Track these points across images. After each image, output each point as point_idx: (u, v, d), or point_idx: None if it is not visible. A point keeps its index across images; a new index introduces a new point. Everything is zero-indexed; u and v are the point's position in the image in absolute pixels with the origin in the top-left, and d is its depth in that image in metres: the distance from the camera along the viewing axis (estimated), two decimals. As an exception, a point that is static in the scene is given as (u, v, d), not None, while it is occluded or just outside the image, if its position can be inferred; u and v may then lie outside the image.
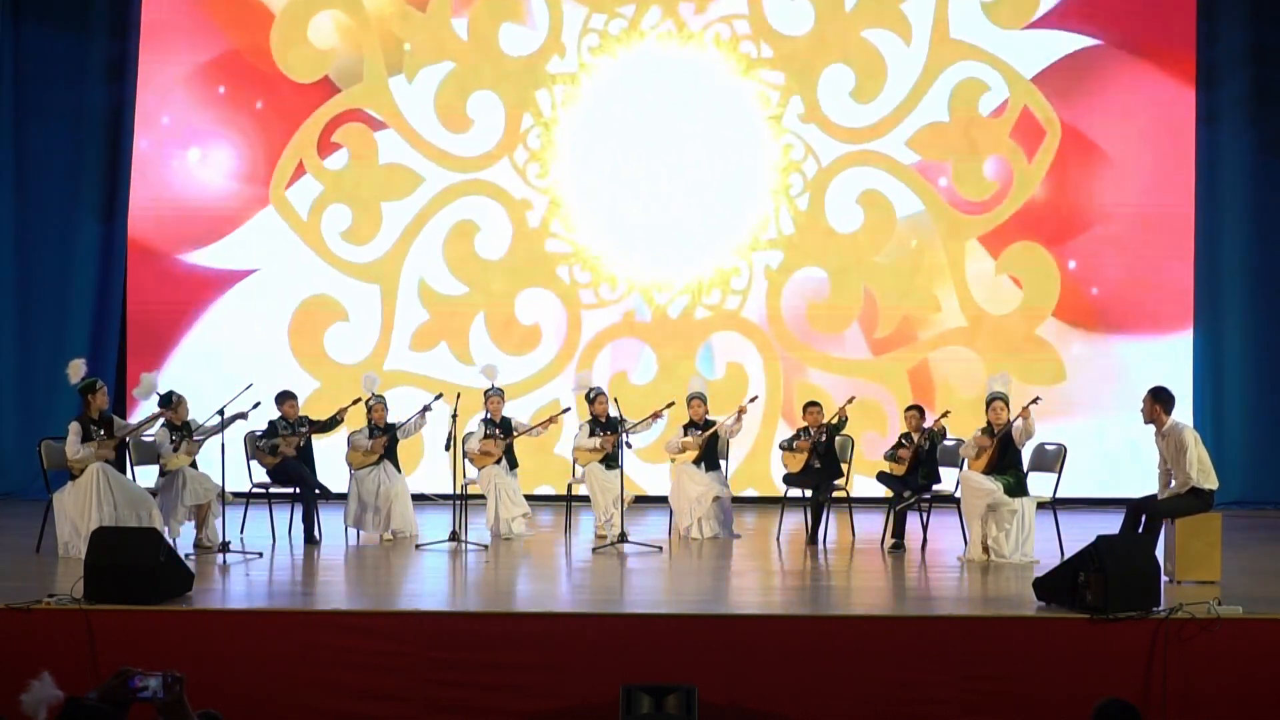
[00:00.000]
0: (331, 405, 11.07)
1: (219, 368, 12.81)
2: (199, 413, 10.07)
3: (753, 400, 11.18)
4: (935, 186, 13.43)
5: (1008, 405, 9.60)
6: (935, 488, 10.26)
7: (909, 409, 10.54)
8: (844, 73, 13.51)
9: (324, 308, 13.60)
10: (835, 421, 10.58)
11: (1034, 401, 9.47)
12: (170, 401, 9.89)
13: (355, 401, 10.61)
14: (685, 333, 13.48)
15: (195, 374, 12.60)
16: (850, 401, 10.79)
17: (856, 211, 13.41)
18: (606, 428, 10.76)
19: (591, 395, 10.92)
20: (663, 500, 10.97)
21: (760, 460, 12.99)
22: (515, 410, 12.13)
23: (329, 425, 10.70)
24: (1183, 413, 11.00)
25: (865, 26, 13.56)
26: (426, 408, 10.59)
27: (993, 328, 13.15)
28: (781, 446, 10.98)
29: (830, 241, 13.43)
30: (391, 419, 10.67)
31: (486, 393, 10.87)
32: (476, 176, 13.63)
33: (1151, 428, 8.98)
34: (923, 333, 13.23)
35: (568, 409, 11.26)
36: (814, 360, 13.23)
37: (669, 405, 10.75)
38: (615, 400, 10.72)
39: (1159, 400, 8.90)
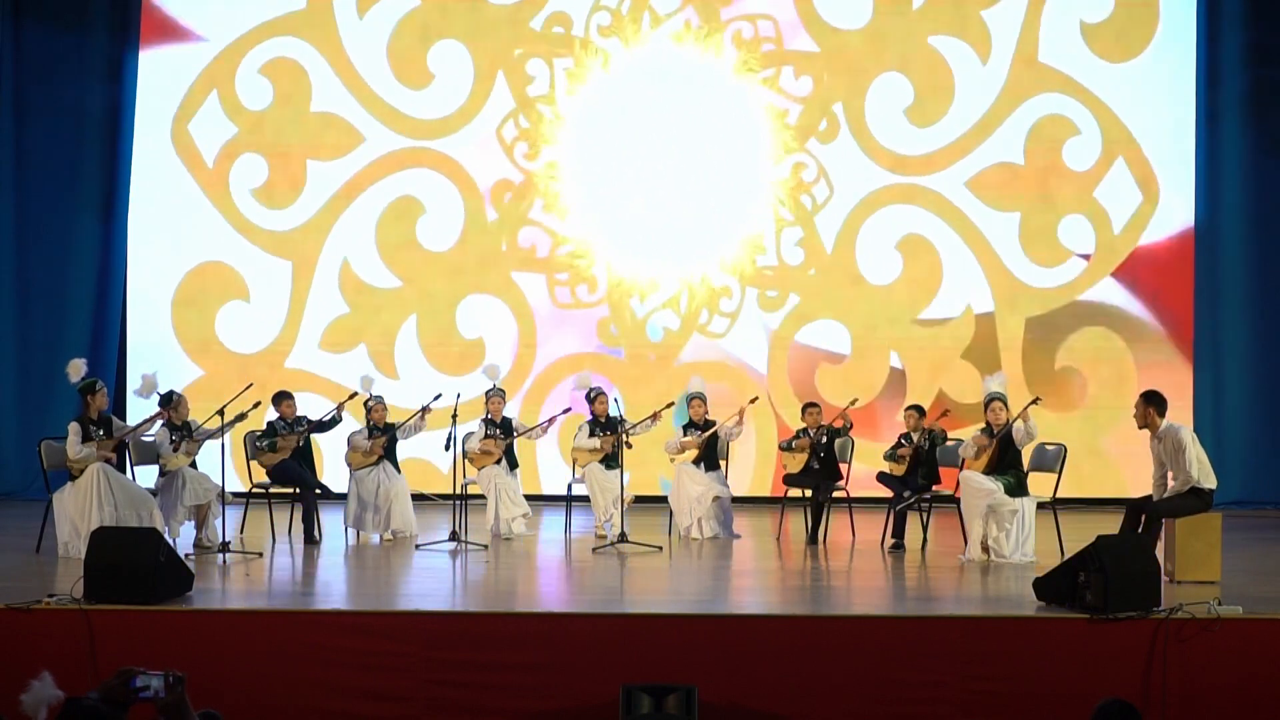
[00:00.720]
0: (216, 400, 10.08)
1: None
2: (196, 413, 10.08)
3: (753, 401, 11.15)
4: (997, 242, 11.73)
5: (1006, 405, 9.59)
6: (935, 488, 10.26)
7: (909, 409, 10.52)
8: (900, 84, 11.90)
9: (220, 280, 12.14)
10: (838, 426, 10.55)
11: (1034, 402, 9.47)
12: (170, 401, 9.88)
13: (352, 396, 10.57)
14: (663, 376, 11.97)
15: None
16: (853, 404, 10.77)
17: (894, 259, 11.88)
18: (606, 428, 10.75)
19: (592, 395, 10.90)
20: (663, 500, 10.96)
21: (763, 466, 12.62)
22: (419, 476, 10.79)
23: (327, 425, 10.68)
24: (1183, 413, 10.98)
25: (934, 31, 11.85)
26: (425, 408, 10.56)
27: (1047, 423, 10.86)
28: (781, 447, 10.97)
29: (858, 291, 11.90)
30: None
31: (488, 393, 10.84)
32: (429, 145, 11.95)
33: (1145, 432, 8.98)
34: (960, 420, 11.29)
35: (568, 409, 11.24)
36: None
37: (668, 406, 10.74)
38: (616, 400, 10.71)
39: (1151, 403, 8.87)
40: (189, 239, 12.22)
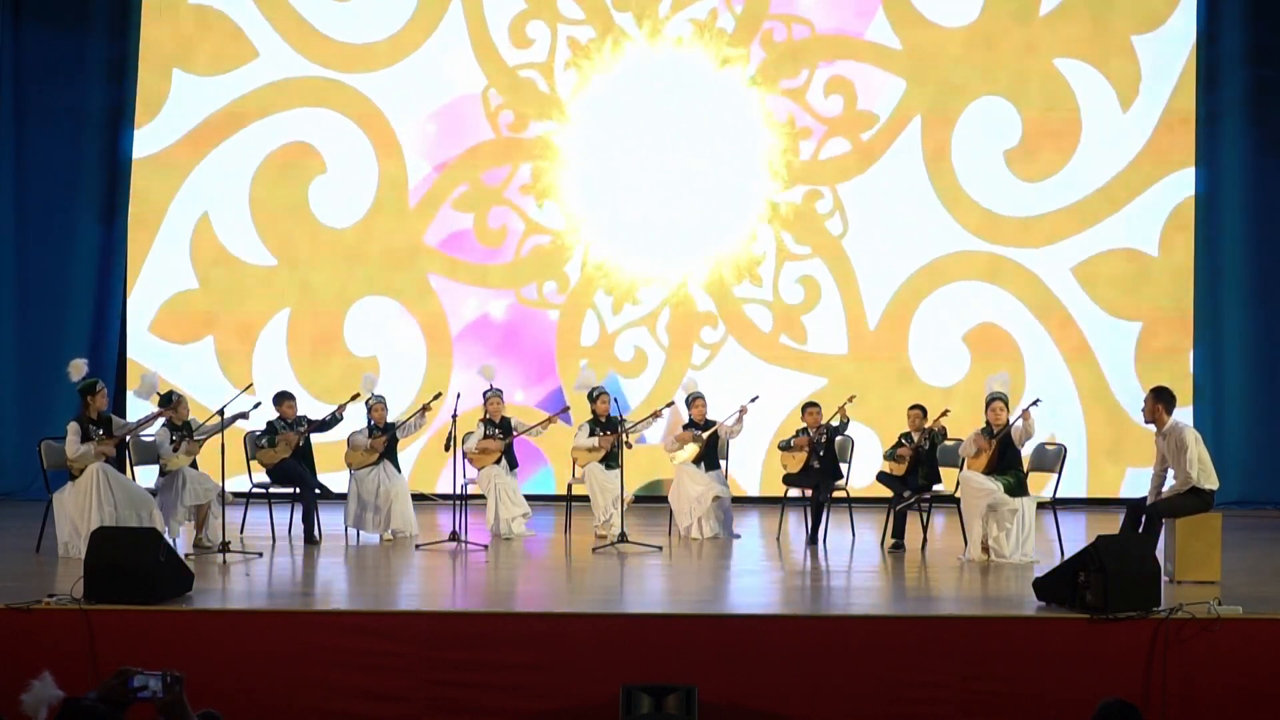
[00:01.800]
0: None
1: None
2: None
3: (754, 400, 11.14)
4: (1106, 358, 8.98)
5: (1007, 406, 9.58)
6: (935, 488, 10.25)
7: (911, 408, 10.51)
8: (1005, 114, 9.07)
9: None
10: (836, 423, 10.55)
11: (1034, 403, 9.46)
12: (170, 401, 9.88)
13: (354, 397, 10.55)
14: (632, 455, 9.38)
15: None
16: (850, 400, 10.75)
17: (959, 354, 9.42)
18: (606, 427, 10.74)
19: (593, 394, 10.88)
20: (663, 500, 10.96)
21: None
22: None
23: (328, 425, 10.67)
24: (1183, 413, 10.95)
25: (1063, 51, 9.03)
26: (425, 407, 10.56)
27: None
28: (780, 447, 10.96)
29: (905, 392, 9.43)
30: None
31: (485, 393, 10.84)
32: (343, 79, 9.45)
33: (1152, 427, 8.99)
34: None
35: (567, 408, 11.23)
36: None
37: (668, 405, 10.74)
38: (615, 401, 10.70)
39: (1160, 399, 8.88)
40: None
